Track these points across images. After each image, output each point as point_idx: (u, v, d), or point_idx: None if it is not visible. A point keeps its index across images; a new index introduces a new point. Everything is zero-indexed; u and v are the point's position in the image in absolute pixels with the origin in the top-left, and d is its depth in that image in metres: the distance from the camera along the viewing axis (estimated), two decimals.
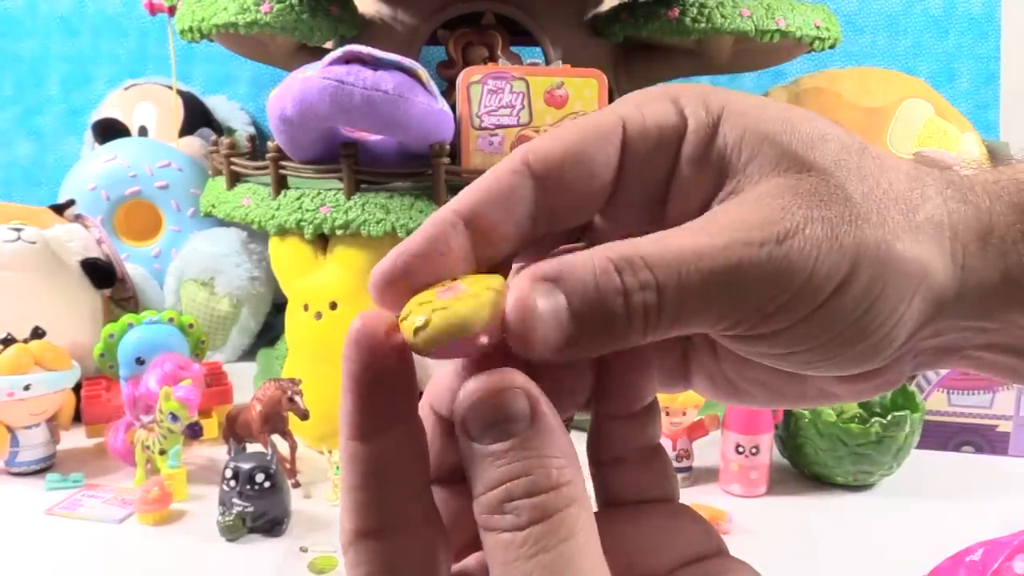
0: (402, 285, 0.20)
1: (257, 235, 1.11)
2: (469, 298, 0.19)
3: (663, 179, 0.22)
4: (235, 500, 0.68)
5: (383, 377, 0.20)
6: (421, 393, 0.22)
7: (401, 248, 0.20)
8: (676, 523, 0.23)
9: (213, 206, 0.96)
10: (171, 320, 0.89)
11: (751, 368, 0.24)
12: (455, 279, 0.20)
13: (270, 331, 1.16)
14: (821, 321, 0.21)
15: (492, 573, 0.18)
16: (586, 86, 0.84)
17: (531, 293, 0.19)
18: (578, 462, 0.19)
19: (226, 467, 0.70)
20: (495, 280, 0.20)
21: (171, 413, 0.76)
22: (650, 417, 0.23)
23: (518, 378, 0.19)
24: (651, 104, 0.22)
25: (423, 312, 0.19)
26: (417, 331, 0.18)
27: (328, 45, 1.05)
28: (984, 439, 0.84)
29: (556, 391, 0.20)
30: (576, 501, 0.18)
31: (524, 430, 0.18)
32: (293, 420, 0.78)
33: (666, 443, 0.78)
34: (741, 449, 0.75)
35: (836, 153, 0.21)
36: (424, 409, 0.22)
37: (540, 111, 0.84)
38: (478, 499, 0.19)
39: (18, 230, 0.92)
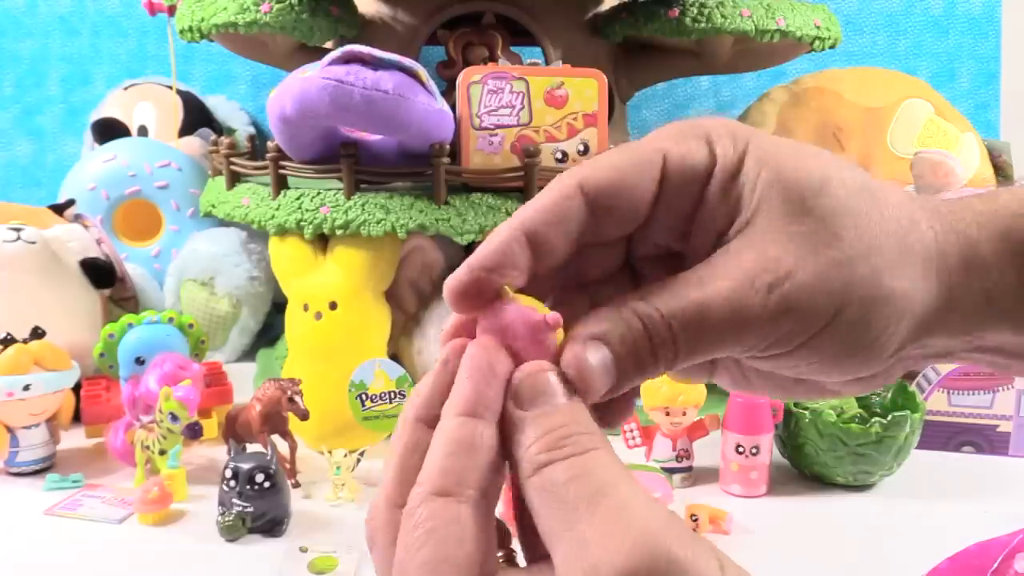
0: (473, 294, 0.24)
1: (257, 235, 1.11)
2: None
3: (692, 206, 0.26)
4: (235, 500, 0.68)
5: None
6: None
7: (475, 262, 0.24)
8: None
9: (213, 206, 0.96)
10: (171, 320, 0.89)
11: (762, 371, 0.28)
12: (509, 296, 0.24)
13: (270, 331, 1.16)
14: (816, 346, 0.25)
15: (552, 501, 0.21)
16: (586, 86, 0.84)
17: (584, 351, 0.24)
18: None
19: (226, 467, 0.70)
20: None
21: (171, 413, 0.76)
22: None
23: (557, 370, 0.24)
24: (688, 140, 0.26)
25: None
26: None
27: (328, 45, 1.05)
28: (984, 439, 0.84)
29: None
30: (609, 445, 0.22)
31: (566, 401, 0.23)
32: (293, 420, 0.78)
33: (666, 443, 0.77)
34: (741, 449, 0.75)
35: (836, 198, 0.25)
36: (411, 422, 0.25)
37: (540, 111, 0.84)
38: (538, 440, 0.22)
39: (18, 230, 0.92)
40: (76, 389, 0.88)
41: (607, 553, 0.19)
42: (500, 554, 0.25)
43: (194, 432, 0.78)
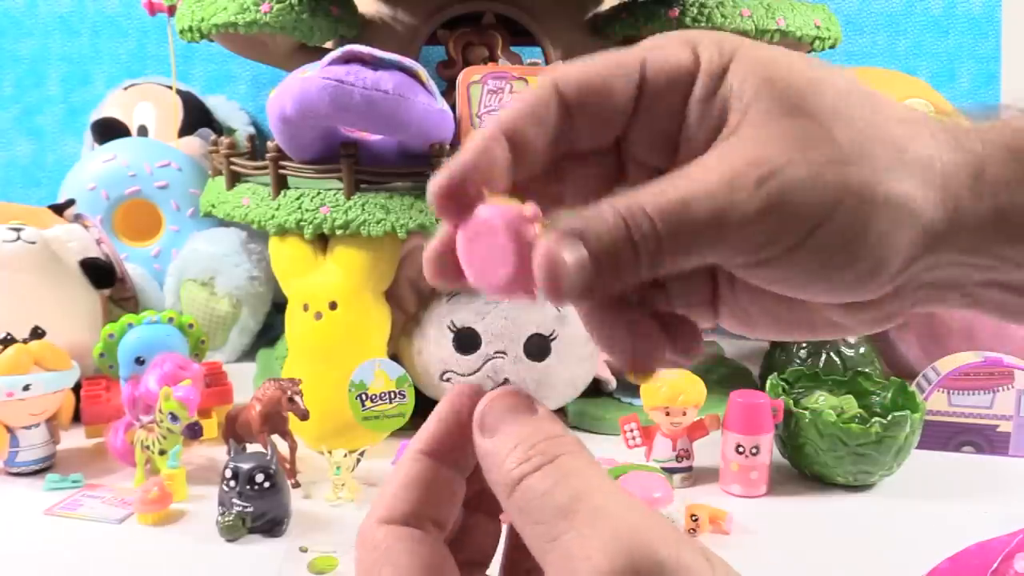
0: (456, 195, 0.23)
1: (257, 235, 1.11)
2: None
3: (676, 114, 0.25)
4: (235, 500, 0.68)
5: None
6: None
7: (456, 163, 0.24)
8: None
9: (213, 206, 0.96)
10: (171, 320, 0.89)
11: (761, 298, 0.26)
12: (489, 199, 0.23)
13: (270, 331, 1.16)
14: (810, 250, 0.23)
15: (532, 517, 0.21)
16: None
17: (558, 247, 0.22)
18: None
19: (226, 467, 0.70)
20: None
21: (171, 413, 0.76)
22: None
23: (520, 389, 0.24)
24: (671, 47, 0.25)
25: None
26: None
27: (328, 45, 1.05)
28: (984, 439, 0.84)
29: None
30: (582, 447, 0.22)
31: (529, 417, 0.23)
32: (293, 420, 0.78)
33: (666, 443, 0.77)
34: (741, 449, 0.75)
35: (829, 99, 0.23)
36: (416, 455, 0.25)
37: None
38: (508, 456, 0.22)
39: (18, 230, 0.92)
40: (76, 389, 0.88)
41: (590, 562, 0.19)
42: None
43: (194, 432, 0.78)
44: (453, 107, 0.83)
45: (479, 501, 0.25)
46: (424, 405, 0.85)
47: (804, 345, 0.96)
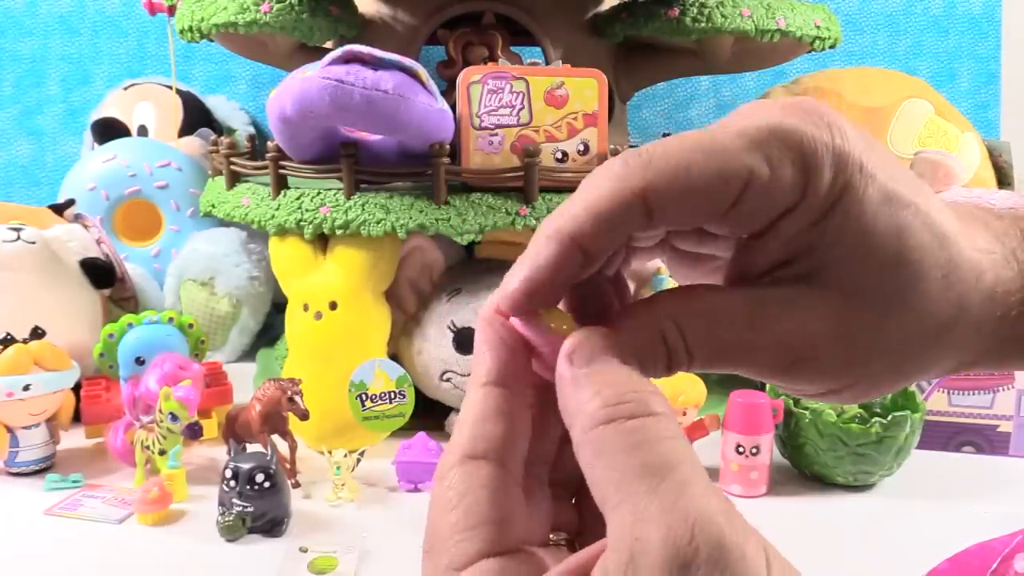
0: (519, 308, 0.24)
1: (257, 235, 1.11)
2: None
3: (756, 229, 0.24)
4: (235, 500, 0.68)
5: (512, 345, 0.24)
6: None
7: (529, 277, 0.23)
8: None
9: (213, 206, 0.96)
10: (171, 320, 0.89)
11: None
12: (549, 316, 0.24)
13: (270, 331, 1.16)
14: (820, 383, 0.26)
15: (611, 465, 0.20)
16: (586, 86, 0.84)
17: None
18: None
19: (226, 467, 0.70)
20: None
21: (171, 413, 0.76)
22: None
23: (611, 334, 0.23)
24: (782, 161, 0.23)
25: None
26: None
27: (328, 45, 1.05)
28: (984, 439, 0.84)
29: None
30: (671, 411, 0.22)
31: (624, 366, 0.22)
32: (293, 420, 0.78)
33: None
34: (741, 449, 0.75)
35: (903, 281, 0.24)
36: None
37: (540, 111, 0.84)
38: (598, 394, 0.21)
39: (18, 230, 0.92)
40: (76, 389, 0.88)
41: (670, 533, 0.19)
42: (562, 537, 0.25)
43: (194, 432, 0.78)
44: (453, 107, 0.83)
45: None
46: (424, 405, 0.85)
47: None
